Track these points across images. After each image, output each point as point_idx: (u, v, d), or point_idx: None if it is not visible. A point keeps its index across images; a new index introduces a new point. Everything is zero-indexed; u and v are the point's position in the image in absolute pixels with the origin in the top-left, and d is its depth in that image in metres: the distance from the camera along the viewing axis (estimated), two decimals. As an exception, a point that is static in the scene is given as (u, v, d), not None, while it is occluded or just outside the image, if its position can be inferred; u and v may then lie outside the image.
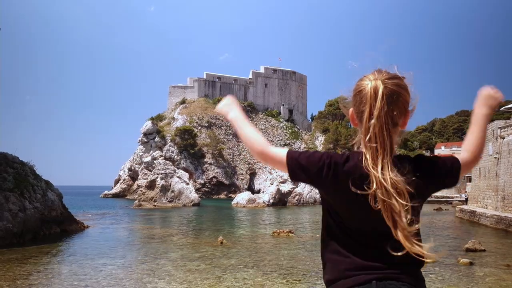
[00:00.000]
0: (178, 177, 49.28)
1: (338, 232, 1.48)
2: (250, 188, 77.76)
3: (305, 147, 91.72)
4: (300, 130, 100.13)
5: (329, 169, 1.45)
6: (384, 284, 1.38)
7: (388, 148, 1.40)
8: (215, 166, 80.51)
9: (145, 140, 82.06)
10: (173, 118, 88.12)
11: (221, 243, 16.91)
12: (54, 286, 10.22)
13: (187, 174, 54.01)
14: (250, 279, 10.83)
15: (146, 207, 44.48)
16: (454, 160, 1.56)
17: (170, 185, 48.32)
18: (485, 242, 16.81)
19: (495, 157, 28.51)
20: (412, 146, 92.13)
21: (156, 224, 26.35)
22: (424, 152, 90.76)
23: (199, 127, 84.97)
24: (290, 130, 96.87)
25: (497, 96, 1.66)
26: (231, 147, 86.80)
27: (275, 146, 1.60)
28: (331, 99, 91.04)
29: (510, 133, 26.99)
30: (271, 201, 46.09)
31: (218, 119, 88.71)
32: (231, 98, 1.78)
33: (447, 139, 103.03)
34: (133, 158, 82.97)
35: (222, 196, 77.12)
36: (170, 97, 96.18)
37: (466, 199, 40.82)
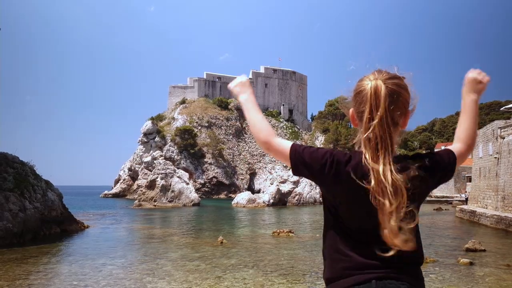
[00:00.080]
0: (178, 177, 49.29)
1: (338, 230, 1.49)
2: (250, 188, 77.78)
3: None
4: (300, 130, 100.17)
5: (331, 167, 1.46)
6: (384, 284, 1.38)
7: (388, 148, 1.40)
8: (215, 166, 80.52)
9: (145, 140, 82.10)
10: (173, 118, 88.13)
11: (221, 243, 16.91)
12: (54, 286, 10.22)
13: (187, 174, 54.01)
14: (250, 279, 10.83)
15: (146, 207, 44.49)
16: (450, 153, 1.57)
17: (170, 185, 48.34)
18: (485, 242, 16.81)
19: (495, 157, 28.51)
20: (412, 146, 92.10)
21: (156, 224, 26.35)
22: (424, 152, 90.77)
23: (199, 127, 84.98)
24: (290, 130, 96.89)
25: (483, 80, 1.64)
26: (231, 147, 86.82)
27: (278, 137, 1.60)
28: (331, 99, 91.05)
29: (510, 133, 26.99)
30: (271, 201, 46.10)
31: (218, 119, 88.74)
32: (245, 78, 1.76)
33: (447, 139, 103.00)
34: (133, 158, 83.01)
35: (222, 196, 77.12)
36: (170, 97, 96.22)
37: (466, 199, 40.83)
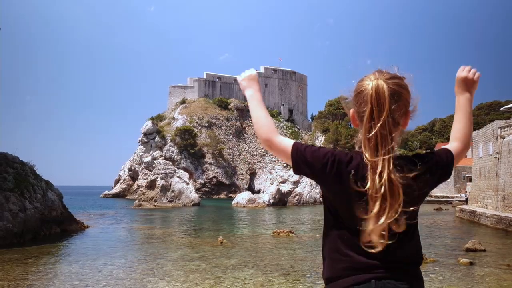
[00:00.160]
0: (178, 177, 49.29)
1: (338, 230, 1.49)
2: (250, 188, 77.78)
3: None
4: (300, 130, 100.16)
5: (332, 167, 1.46)
6: (383, 283, 1.38)
7: (388, 148, 1.40)
8: (215, 166, 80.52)
9: (145, 140, 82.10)
10: (173, 118, 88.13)
11: (221, 243, 16.91)
12: (54, 286, 10.22)
13: (187, 174, 54.03)
14: (250, 279, 10.83)
15: (146, 207, 44.49)
16: (448, 153, 1.59)
17: (170, 185, 48.34)
18: (485, 242, 16.82)
19: (495, 157, 28.51)
20: (412, 146, 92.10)
21: (156, 224, 26.35)
22: (424, 152, 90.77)
23: (199, 127, 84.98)
24: (290, 130, 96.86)
25: (475, 77, 1.66)
26: (231, 147, 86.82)
27: (281, 135, 1.59)
28: (331, 99, 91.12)
29: (510, 133, 26.99)
30: (271, 201, 46.10)
31: (218, 119, 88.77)
32: (254, 72, 1.78)
33: (447, 139, 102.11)
34: (133, 158, 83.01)
35: (222, 196, 77.11)
36: (170, 97, 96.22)
37: (466, 199, 40.82)
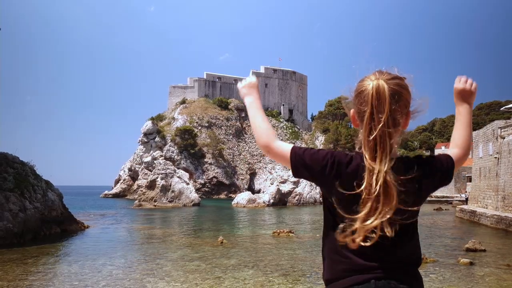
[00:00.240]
0: (178, 177, 49.29)
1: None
2: (250, 188, 77.78)
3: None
4: (300, 130, 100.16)
5: (332, 168, 1.45)
6: (383, 284, 1.39)
7: (387, 149, 1.40)
8: (215, 166, 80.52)
9: (145, 140, 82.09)
10: (173, 118, 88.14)
11: (221, 243, 16.91)
12: (54, 286, 10.22)
13: (187, 174, 54.03)
14: (250, 279, 10.83)
15: (146, 207, 44.49)
16: (448, 158, 1.59)
17: (170, 185, 48.34)
18: (485, 242, 16.81)
19: (495, 157, 28.50)
20: (412, 146, 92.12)
21: (156, 224, 26.36)
22: (424, 152, 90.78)
23: (199, 127, 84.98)
24: (290, 130, 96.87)
25: (472, 89, 1.67)
26: (231, 147, 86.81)
27: (279, 140, 1.59)
28: (331, 99, 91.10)
29: (510, 133, 26.98)
30: (271, 201, 46.09)
31: (218, 119, 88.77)
32: (254, 79, 1.78)
33: (447, 139, 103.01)
34: (133, 158, 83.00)
35: (222, 196, 77.13)
36: (170, 97, 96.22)
37: (466, 199, 40.81)
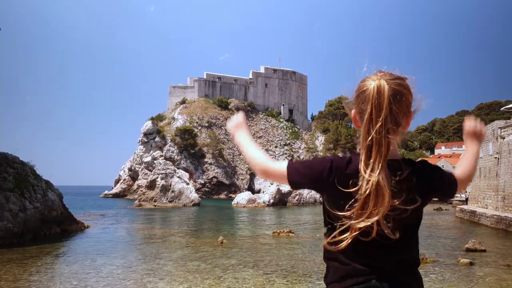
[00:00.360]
0: (178, 177, 49.29)
1: None
2: (250, 188, 77.74)
3: (305, 147, 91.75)
4: (300, 130, 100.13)
5: (330, 173, 1.45)
6: (384, 284, 1.40)
7: (383, 148, 1.38)
8: (215, 166, 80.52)
9: (145, 140, 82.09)
10: (173, 118, 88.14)
11: (221, 243, 16.91)
12: (54, 286, 10.22)
13: (187, 174, 54.03)
14: (250, 279, 10.83)
15: (146, 207, 44.50)
16: (451, 176, 1.61)
17: (170, 185, 48.34)
18: (485, 242, 16.81)
19: (495, 157, 28.50)
20: (412, 146, 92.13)
21: (156, 224, 26.36)
22: (424, 152, 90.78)
23: (199, 127, 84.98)
24: (290, 130, 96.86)
25: (482, 131, 1.80)
26: (231, 147, 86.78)
27: (275, 161, 1.60)
28: (331, 99, 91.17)
29: (510, 133, 26.98)
30: (271, 201, 46.09)
31: (218, 119, 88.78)
32: (240, 117, 1.81)
33: (447, 139, 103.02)
34: (133, 158, 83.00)
35: (222, 196, 77.13)
36: (170, 97, 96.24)
37: (466, 199, 40.83)
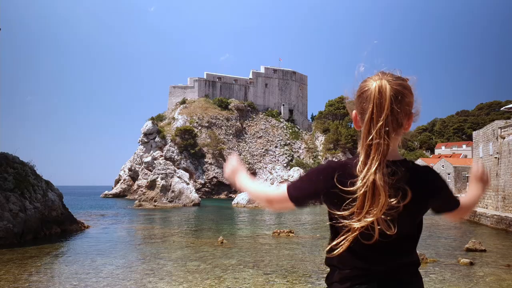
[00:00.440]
0: (178, 177, 49.29)
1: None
2: (251, 188, 77.69)
3: (305, 147, 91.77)
4: (301, 130, 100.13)
5: (328, 178, 1.45)
6: (385, 284, 1.41)
7: (383, 149, 1.37)
8: (215, 166, 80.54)
9: (146, 140, 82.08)
10: (173, 118, 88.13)
11: (222, 243, 16.91)
12: (54, 286, 10.22)
13: (187, 174, 54.01)
14: (250, 279, 10.83)
15: (146, 207, 44.50)
16: (454, 203, 1.62)
17: (170, 185, 48.33)
18: (485, 242, 16.81)
19: (496, 157, 28.50)
20: (412, 146, 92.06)
21: (156, 224, 26.36)
22: (424, 152, 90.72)
23: (200, 127, 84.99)
24: (290, 130, 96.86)
25: (488, 181, 1.83)
26: (232, 147, 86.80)
27: (276, 187, 1.60)
28: (332, 99, 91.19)
29: (511, 133, 26.97)
30: (272, 201, 46.03)
31: (218, 119, 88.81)
32: (234, 160, 1.79)
33: (448, 139, 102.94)
34: (134, 158, 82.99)
35: (222, 196, 77.15)
36: (170, 97, 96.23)
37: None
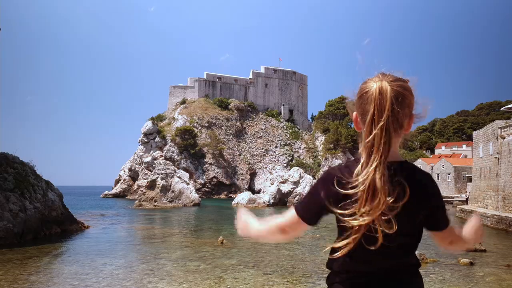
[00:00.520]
0: (178, 177, 49.28)
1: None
2: (251, 188, 77.78)
3: (305, 147, 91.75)
4: (301, 130, 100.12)
5: (329, 185, 1.45)
6: (385, 284, 1.42)
7: (384, 150, 1.38)
8: (215, 166, 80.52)
9: (146, 140, 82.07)
10: (173, 118, 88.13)
11: (222, 243, 16.91)
12: (54, 286, 10.22)
13: (187, 174, 53.99)
14: (251, 279, 10.83)
15: (146, 207, 44.48)
16: (444, 222, 1.54)
17: (170, 185, 48.33)
18: (485, 242, 16.81)
19: (496, 157, 28.50)
20: (412, 146, 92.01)
21: (156, 224, 26.36)
22: (424, 152, 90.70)
23: (200, 127, 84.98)
24: (290, 130, 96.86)
25: (479, 237, 1.71)
26: (232, 147, 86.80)
27: (282, 216, 1.57)
28: (332, 99, 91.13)
29: (510, 133, 26.97)
30: (272, 201, 46.07)
31: (218, 119, 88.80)
32: (243, 214, 1.69)
33: (448, 139, 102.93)
34: (134, 158, 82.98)
35: (222, 196, 77.14)
36: (170, 97, 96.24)
37: (467, 199, 40.82)
